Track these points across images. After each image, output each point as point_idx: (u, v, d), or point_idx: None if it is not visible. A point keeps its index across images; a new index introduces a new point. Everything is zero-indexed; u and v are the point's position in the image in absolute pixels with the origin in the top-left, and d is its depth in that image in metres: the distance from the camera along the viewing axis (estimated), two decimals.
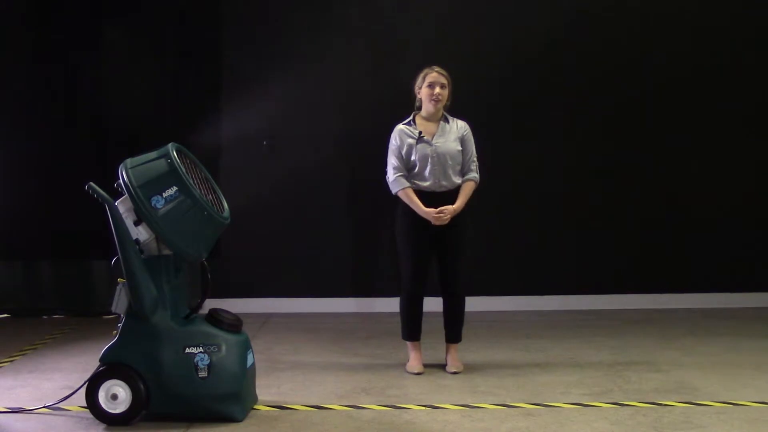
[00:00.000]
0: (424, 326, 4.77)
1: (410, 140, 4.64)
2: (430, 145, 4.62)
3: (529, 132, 6.74)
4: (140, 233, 3.69)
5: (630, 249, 6.80)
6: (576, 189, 6.79)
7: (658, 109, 6.80)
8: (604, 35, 6.76)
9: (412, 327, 4.74)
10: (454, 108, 4.80)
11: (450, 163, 4.61)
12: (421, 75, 4.69)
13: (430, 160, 4.60)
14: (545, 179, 6.77)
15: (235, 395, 3.77)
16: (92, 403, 3.72)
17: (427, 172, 4.61)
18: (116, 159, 3.81)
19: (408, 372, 4.70)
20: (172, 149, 3.73)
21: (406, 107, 4.81)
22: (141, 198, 3.64)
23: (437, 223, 4.54)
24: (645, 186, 6.80)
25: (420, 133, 4.65)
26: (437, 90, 4.62)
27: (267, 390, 4.28)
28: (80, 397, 3.83)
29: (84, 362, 4.88)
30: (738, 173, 6.83)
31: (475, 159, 4.72)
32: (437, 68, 4.68)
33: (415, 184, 4.62)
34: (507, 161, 6.60)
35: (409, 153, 4.63)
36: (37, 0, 6.59)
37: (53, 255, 6.68)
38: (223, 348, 3.73)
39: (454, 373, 4.66)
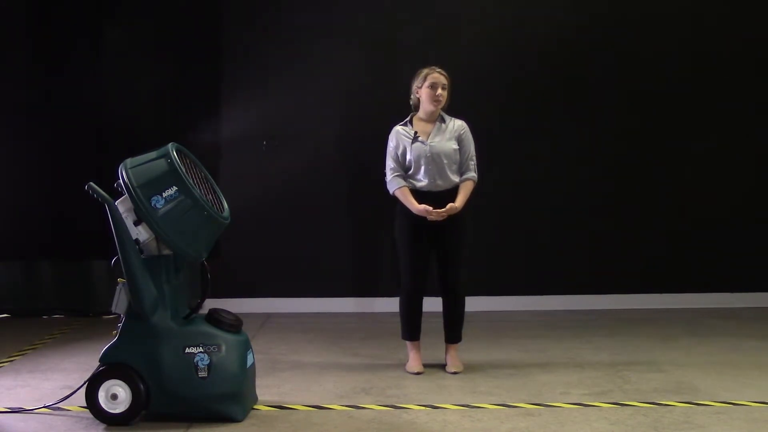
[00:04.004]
0: (424, 326, 4.77)
1: (406, 140, 4.65)
2: (425, 145, 4.62)
3: (530, 133, 6.73)
4: (140, 233, 3.68)
5: (630, 249, 6.79)
6: (576, 189, 6.78)
7: (659, 110, 6.79)
8: (606, 36, 6.75)
9: (411, 327, 4.74)
10: (456, 108, 4.79)
11: (445, 162, 4.61)
12: (421, 75, 4.68)
13: (424, 159, 4.60)
14: (546, 180, 6.76)
15: (235, 395, 3.77)
16: (92, 403, 3.72)
17: (422, 172, 4.61)
18: (116, 159, 3.81)
19: (408, 372, 4.70)
20: (172, 149, 3.73)
21: (406, 108, 4.81)
22: (141, 198, 3.63)
23: (431, 219, 4.53)
24: (645, 186, 6.80)
25: (415, 133, 4.65)
26: (439, 91, 4.62)
27: (267, 390, 4.28)
28: (80, 397, 3.83)
29: (84, 362, 4.88)
30: (738, 173, 6.82)
31: (474, 158, 4.72)
32: (438, 69, 4.67)
33: (412, 184, 4.63)
34: (507, 162, 6.60)
35: (404, 153, 4.64)
36: (38, 0, 6.59)
37: (53, 255, 6.67)
38: (223, 348, 3.73)
39: (454, 373, 4.66)
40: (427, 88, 4.64)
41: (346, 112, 6.74)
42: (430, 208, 4.52)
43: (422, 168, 4.61)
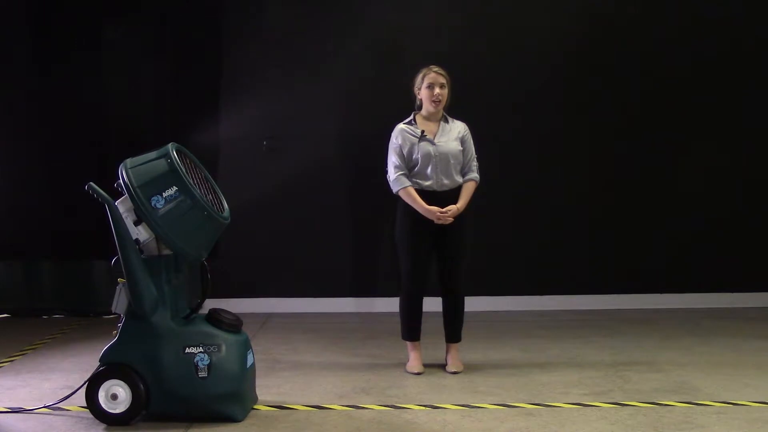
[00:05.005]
0: (424, 326, 4.77)
1: (412, 139, 4.63)
2: (433, 144, 4.61)
3: (531, 133, 6.73)
4: (140, 233, 3.69)
5: (630, 249, 6.79)
6: (576, 189, 6.78)
7: (659, 109, 6.79)
8: (606, 36, 6.75)
9: (411, 327, 4.74)
10: (458, 108, 4.79)
11: (452, 162, 4.61)
12: (420, 75, 4.68)
13: (432, 159, 4.59)
14: (546, 180, 6.76)
15: (235, 395, 3.77)
16: (92, 403, 3.72)
17: (429, 171, 4.60)
18: (116, 159, 3.81)
19: (408, 372, 4.70)
20: (172, 149, 3.73)
21: (407, 107, 4.80)
22: (141, 198, 3.64)
23: (440, 222, 4.53)
24: (645, 186, 6.79)
25: (422, 132, 4.64)
26: (437, 91, 4.61)
27: (267, 390, 4.28)
28: (80, 397, 3.83)
29: (84, 362, 4.88)
30: (738, 173, 6.82)
31: (475, 159, 4.72)
32: (436, 68, 4.66)
33: (416, 183, 4.62)
34: (508, 162, 6.60)
35: (411, 152, 4.62)
36: (38, 0, 6.60)
37: (53, 255, 6.68)
38: (223, 348, 3.73)
39: (454, 373, 4.66)
40: (426, 88, 4.63)
41: (346, 112, 6.74)
42: (438, 213, 4.51)
43: (429, 167, 4.60)
